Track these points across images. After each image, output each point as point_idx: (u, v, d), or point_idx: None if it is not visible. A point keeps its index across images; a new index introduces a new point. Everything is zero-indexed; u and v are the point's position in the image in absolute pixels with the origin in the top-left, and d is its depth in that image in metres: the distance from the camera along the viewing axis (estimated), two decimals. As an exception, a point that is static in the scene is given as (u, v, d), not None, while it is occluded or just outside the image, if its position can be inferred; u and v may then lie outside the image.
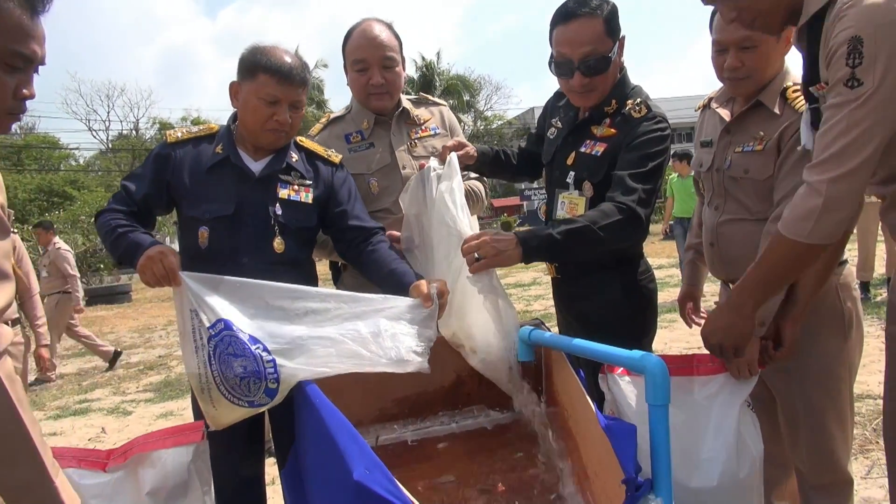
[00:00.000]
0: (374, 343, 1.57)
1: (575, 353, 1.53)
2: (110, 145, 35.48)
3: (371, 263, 1.88)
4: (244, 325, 1.58)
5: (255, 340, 1.57)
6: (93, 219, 2.05)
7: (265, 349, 1.56)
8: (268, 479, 2.04)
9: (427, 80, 32.12)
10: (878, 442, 3.11)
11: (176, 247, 1.87)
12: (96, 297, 13.67)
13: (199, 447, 1.63)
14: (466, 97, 33.77)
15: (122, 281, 16.01)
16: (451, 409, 1.82)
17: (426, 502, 1.49)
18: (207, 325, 1.59)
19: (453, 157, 1.89)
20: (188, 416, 2.16)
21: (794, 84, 1.75)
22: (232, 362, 1.58)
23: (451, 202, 1.76)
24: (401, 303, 1.66)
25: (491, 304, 1.70)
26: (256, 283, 1.63)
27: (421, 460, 1.66)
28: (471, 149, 2.07)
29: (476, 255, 1.66)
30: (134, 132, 36.12)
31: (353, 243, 1.93)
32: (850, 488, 1.84)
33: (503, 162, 2.25)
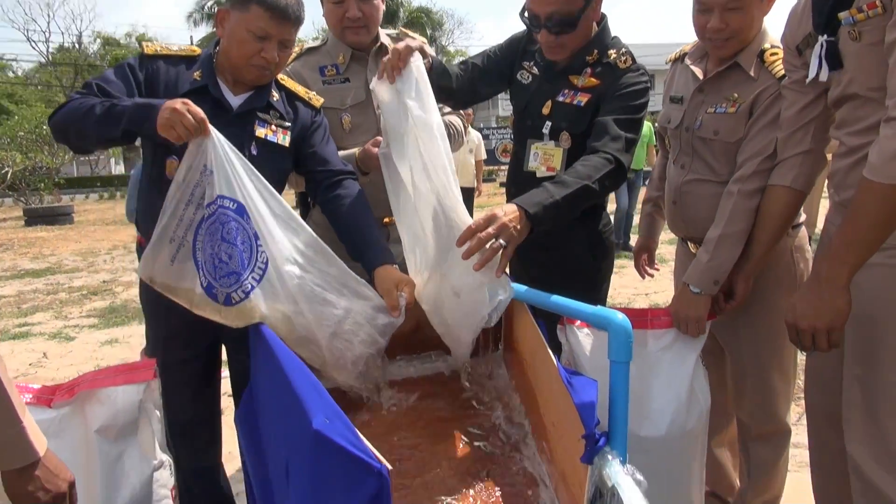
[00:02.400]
0: (333, 338, 1.56)
1: (539, 306, 1.51)
2: (51, 58, 33.42)
3: (338, 216, 1.80)
4: (260, 220, 1.52)
5: (257, 238, 1.51)
6: (47, 123, 1.84)
7: (265, 260, 1.51)
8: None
9: (391, 12, 31.06)
10: (799, 398, 3.27)
11: (122, 168, 1.76)
12: (36, 218, 13.11)
13: (151, 385, 1.58)
14: (430, 31, 32.88)
15: (64, 202, 15.37)
16: (408, 353, 1.81)
17: (385, 449, 1.49)
18: (217, 192, 1.51)
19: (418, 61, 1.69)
20: (134, 344, 2.09)
21: (773, 47, 1.72)
22: (220, 243, 1.51)
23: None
24: (372, 299, 1.61)
25: (473, 299, 1.58)
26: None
27: (379, 406, 1.65)
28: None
29: (500, 240, 1.46)
30: (76, 45, 34.05)
31: (322, 186, 1.85)
32: (788, 438, 1.92)
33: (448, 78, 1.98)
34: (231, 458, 2.34)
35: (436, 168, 1.55)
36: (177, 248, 1.57)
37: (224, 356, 1.97)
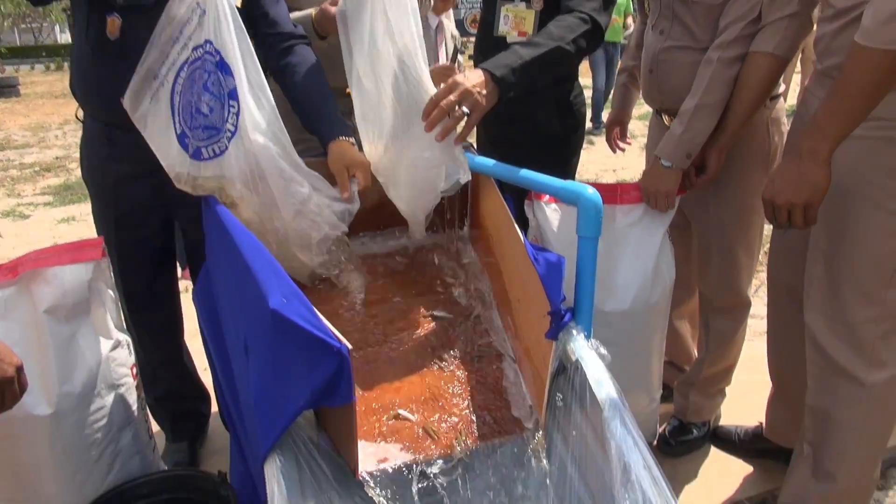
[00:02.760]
0: (298, 216, 1.47)
1: (507, 181, 1.45)
2: None
3: (291, 85, 1.66)
4: (238, 80, 1.40)
5: (232, 98, 1.40)
6: None
7: (235, 123, 1.41)
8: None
9: None
10: (766, 263, 3.35)
11: (68, 37, 1.59)
12: (-21, 91, 12.37)
13: (100, 265, 1.51)
14: None
15: (8, 73, 14.44)
16: (372, 230, 1.75)
17: (348, 327, 1.46)
18: (205, 37, 1.39)
19: None
20: (92, 222, 2.00)
21: None
22: (201, 93, 1.41)
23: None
24: (328, 191, 1.51)
25: (430, 176, 1.49)
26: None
27: (341, 285, 1.61)
28: None
29: (463, 108, 1.36)
30: None
31: (273, 52, 1.69)
32: (747, 310, 1.95)
33: None
34: (195, 334, 2.32)
35: (401, 31, 1.42)
36: (158, 86, 1.45)
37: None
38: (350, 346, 1.02)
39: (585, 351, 1.23)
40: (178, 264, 1.96)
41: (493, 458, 1.22)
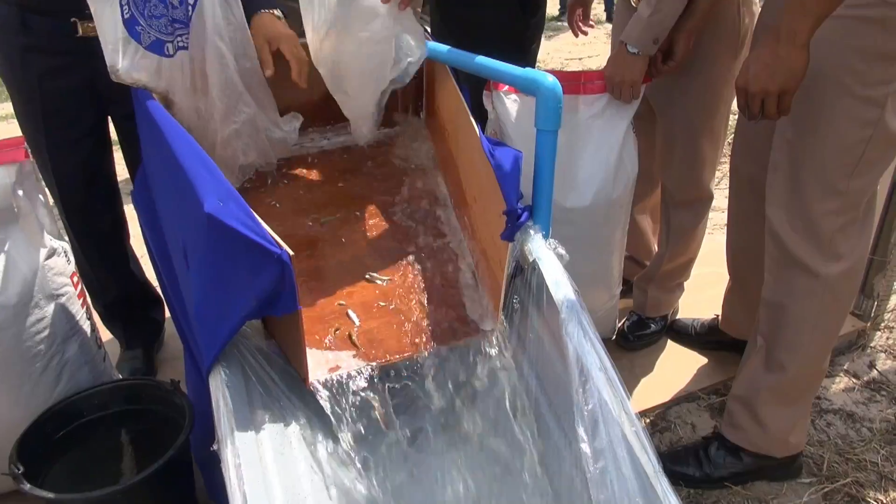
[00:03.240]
0: (234, 136, 1.37)
1: (462, 68, 1.34)
2: None
3: None
4: None
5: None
6: None
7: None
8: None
9: None
10: (729, 155, 3.32)
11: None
12: None
13: (23, 167, 1.39)
14: None
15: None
16: (321, 125, 1.64)
17: (297, 230, 1.39)
18: None
19: None
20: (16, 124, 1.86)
21: None
22: None
23: None
24: (272, 114, 1.41)
25: (378, 57, 1.37)
26: None
27: (290, 180, 1.52)
28: None
29: None
30: None
31: None
32: (709, 204, 1.92)
33: None
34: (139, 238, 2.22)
35: None
36: None
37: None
38: (292, 252, 0.95)
39: (543, 251, 1.18)
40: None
41: (449, 362, 1.20)
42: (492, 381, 1.17)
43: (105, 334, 2.02)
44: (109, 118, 1.71)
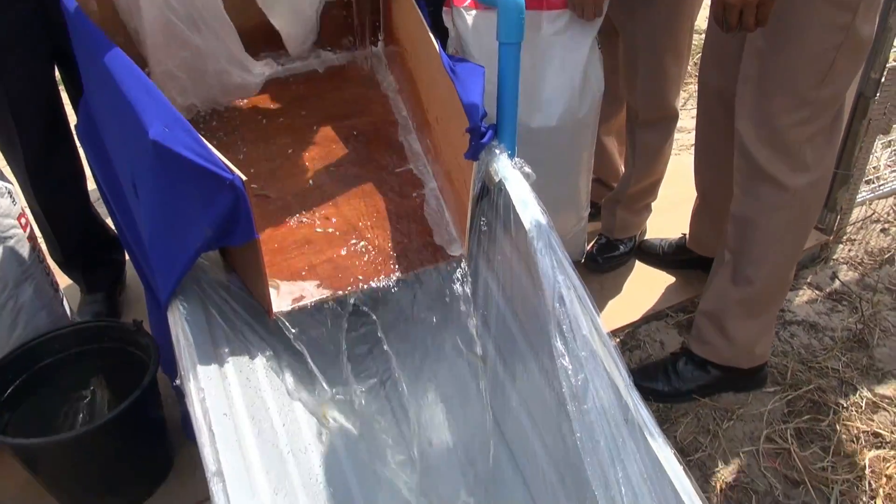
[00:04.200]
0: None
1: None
2: None
3: None
4: None
5: None
6: None
7: None
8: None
9: None
10: (695, 76, 3.27)
11: None
12: None
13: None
14: None
15: None
16: (275, 50, 1.55)
17: (253, 160, 1.32)
18: None
19: None
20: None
21: None
22: None
23: None
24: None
25: None
26: None
27: (242, 109, 1.44)
28: None
29: None
30: None
31: None
32: (675, 123, 1.89)
33: None
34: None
35: None
36: None
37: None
38: (244, 178, 0.90)
39: (509, 170, 1.14)
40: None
41: (416, 288, 1.17)
42: (460, 306, 1.15)
43: (63, 280, 1.95)
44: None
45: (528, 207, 1.10)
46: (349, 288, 1.11)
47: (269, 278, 1.06)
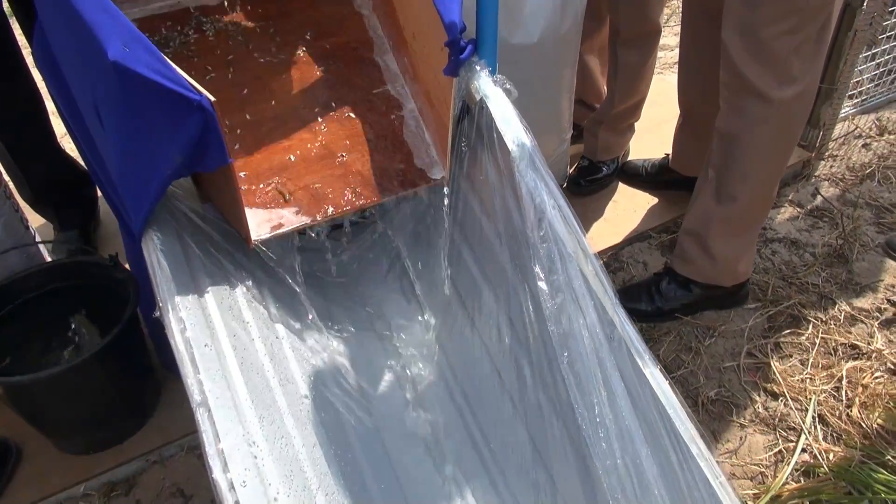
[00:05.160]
0: None
1: None
2: None
3: None
4: None
5: None
6: None
7: None
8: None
9: None
10: (677, -8, 3.18)
11: None
12: None
13: None
14: None
15: None
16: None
17: (224, 83, 1.26)
18: None
19: None
20: None
21: None
22: None
23: None
24: None
25: None
26: None
27: (208, 28, 1.36)
28: None
29: None
30: None
31: None
32: (657, 39, 1.83)
33: None
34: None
35: None
36: None
37: None
38: (213, 98, 0.85)
39: (490, 88, 1.09)
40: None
41: (398, 213, 1.14)
42: (442, 229, 1.13)
43: (37, 220, 1.90)
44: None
45: (511, 126, 1.06)
46: (329, 213, 1.08)
47: (245, 206, 1.03)
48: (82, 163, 1.86)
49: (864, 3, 1.80)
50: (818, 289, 1.65)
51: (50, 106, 1.65)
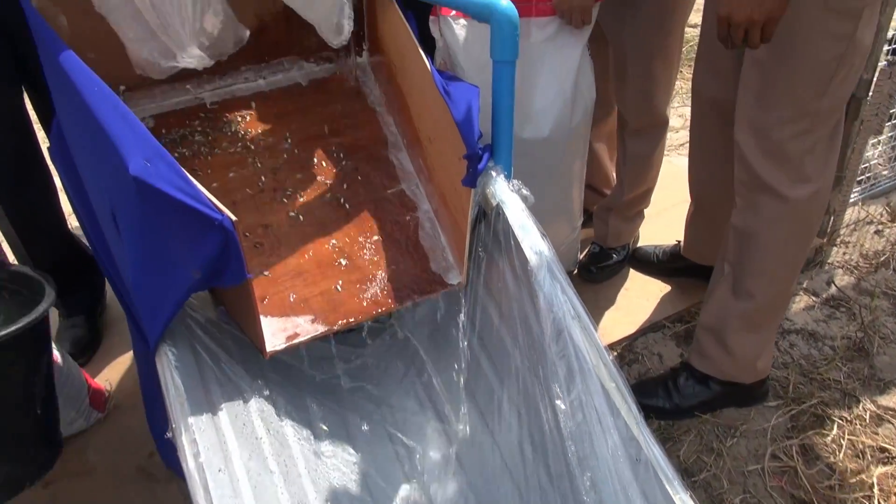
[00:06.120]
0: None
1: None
2: None
3: None
4: None
5: None
6: None
7: None
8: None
9: None
10: (681, 71, 3.27)
11: None
12: None
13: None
14: None
15: None
16: (255, 62, 1.50)
17: (234, 185, 1.28)
18: None
19: None
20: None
21: None
22: None
23: None
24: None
25: None
26: None
27: (224, 126, 1.40)
28: None
29: None
30: None
31: None
32: (665, 130, 1.88)
33: None
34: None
35: None
36: None
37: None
38: (234, 218, 0.86)
39: (507, 194, 1.11)
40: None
41: (414, 316, 1.14)
42: (459, 337, 1.12)
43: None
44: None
45: (528, 233, 1.07)
46: (345, 321, 1.08)
47: (260, 314, 1.02)
48: (89, 248, 1.88)
49: (870, 94, 1.84)
50: (840, 385, 1.63)
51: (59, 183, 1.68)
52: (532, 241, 1.06)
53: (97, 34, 1.28)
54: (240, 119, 1.43)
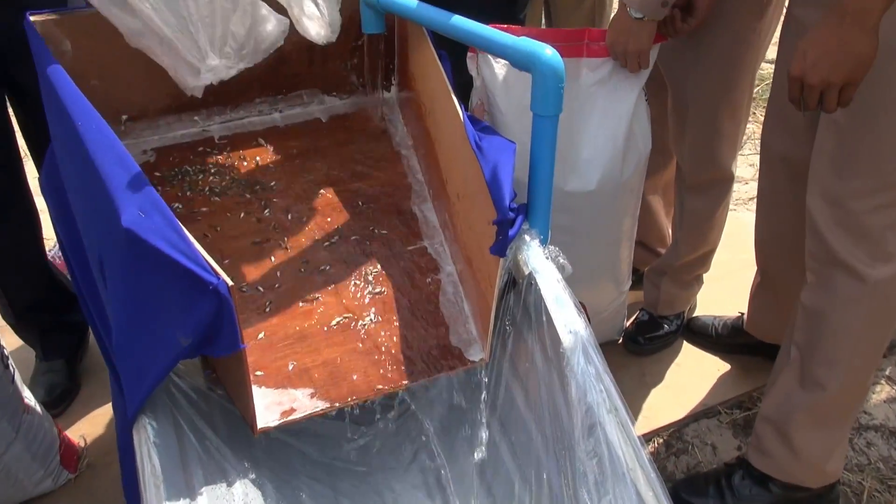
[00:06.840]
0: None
1: (440, 31, 1.25)
2: None
3: None
4: None
5: None
6: None
7: None
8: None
9: None
10: (754, 112, 3.26)
11: None
12: None
13: None
14: None
15: None
16: (271, 94, 1.54)
17: (236, 232, 1.30)
18: None
19: None
20: None
21: None
22: None
23: None
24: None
25: None
26: None
27: (234, 163, 1.43)
28: None
29: None
30: None
31: None
32: (730, 186, 1.86)
33: None
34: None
35: None
36: None
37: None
38: (230, 283, 0.87)
39: (541, 262, 1.11)
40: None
41: (428, 396, 1.14)
42: (478, 423, 1.12)
43: (13, 342, 1.93)
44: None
45: (564, 308, 1.06)
46: (348, 399, 1.08)
47: (254, 384, 1.03)
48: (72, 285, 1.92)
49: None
50: (925, 496, 1.57)
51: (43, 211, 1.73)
52: (567, 317, 1.05)
53: (102, 60, 1.34)
54: (249, 157, 1.47)
